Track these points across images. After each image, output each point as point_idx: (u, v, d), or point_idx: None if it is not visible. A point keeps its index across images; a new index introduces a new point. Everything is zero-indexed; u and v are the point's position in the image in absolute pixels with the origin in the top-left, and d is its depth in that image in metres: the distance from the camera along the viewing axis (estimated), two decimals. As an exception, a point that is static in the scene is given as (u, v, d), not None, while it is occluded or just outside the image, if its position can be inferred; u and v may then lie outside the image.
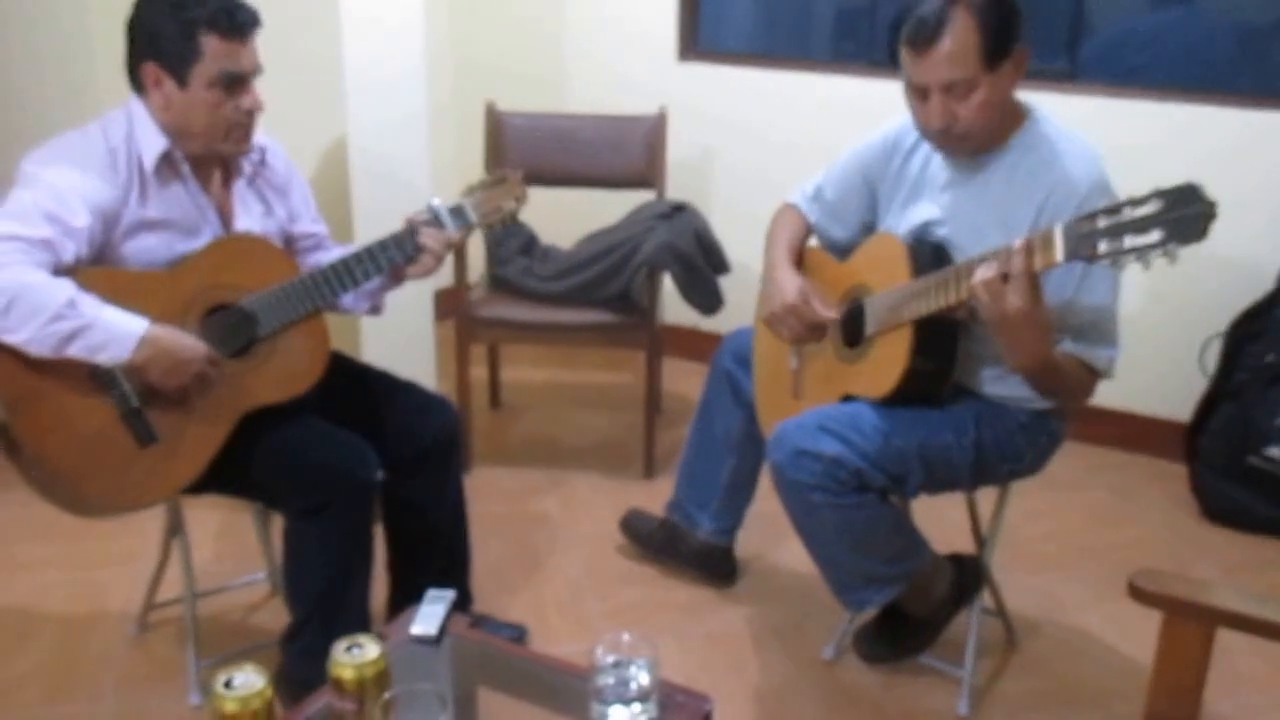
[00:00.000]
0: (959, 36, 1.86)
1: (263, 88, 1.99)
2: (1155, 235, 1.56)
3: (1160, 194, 1.56)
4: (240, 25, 1.91)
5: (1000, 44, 1.88)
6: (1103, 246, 1.62)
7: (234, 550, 2.72)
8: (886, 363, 2.01)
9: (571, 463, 3.24)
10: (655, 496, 2.76)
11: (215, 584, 2.52)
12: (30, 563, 2.67)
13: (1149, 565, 1.55)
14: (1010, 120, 1.99)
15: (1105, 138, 2.05)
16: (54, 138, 1.94)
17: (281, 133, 2.18)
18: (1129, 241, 1.59)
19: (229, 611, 2.49)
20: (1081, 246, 1.64)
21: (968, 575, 2.23)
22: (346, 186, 2.91)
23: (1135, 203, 1.58)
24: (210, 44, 1.88)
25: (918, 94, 1.96)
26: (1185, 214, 1.54)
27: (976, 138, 1.96)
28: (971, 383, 2.08)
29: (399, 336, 2.98)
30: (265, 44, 1.98)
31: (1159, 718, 1.53)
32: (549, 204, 2.35)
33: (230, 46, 1.90)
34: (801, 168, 2.37)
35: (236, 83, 1.93)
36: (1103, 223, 1.62)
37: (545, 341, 3.32)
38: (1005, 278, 1.73)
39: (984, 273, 1.76)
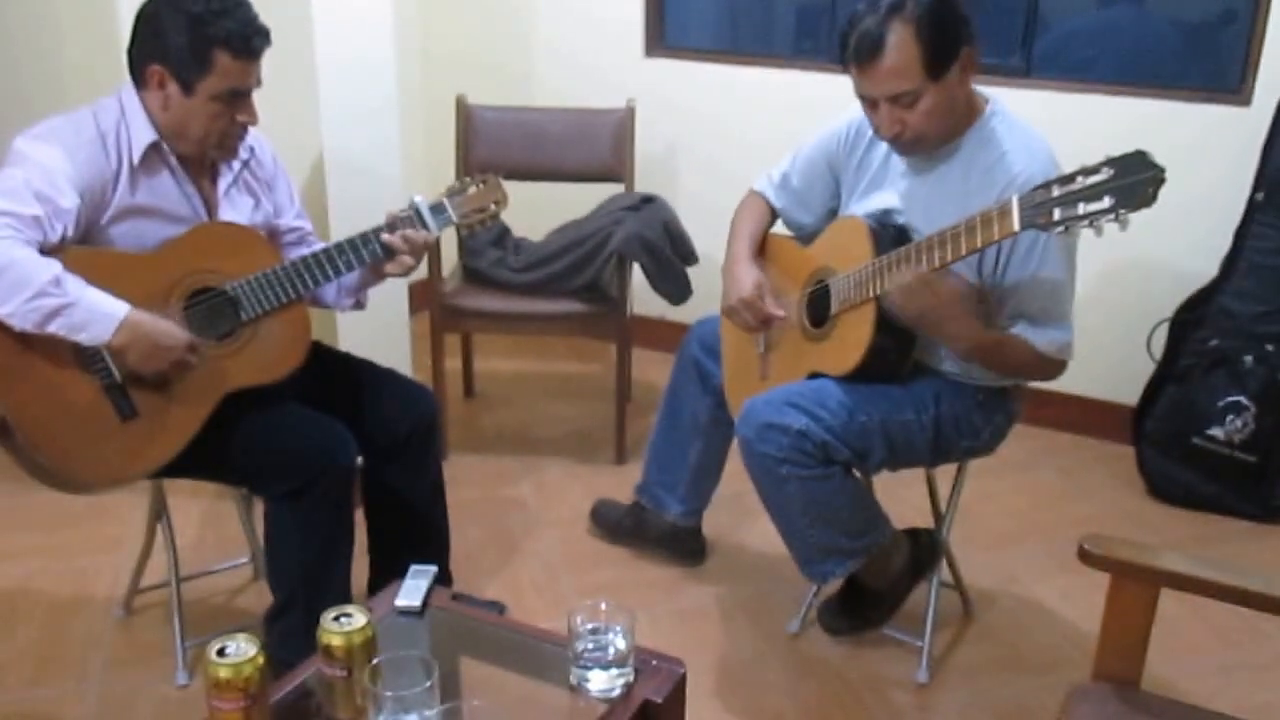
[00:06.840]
0: (899, 50, 1.91)
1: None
2: (1107, 201, 1.64)
3: (1111, 161, 1.64)
4: (255, 49, 1.94)
5: (943, 53, 1.92)
6: (1057, 214, 1.70)
7: (217, 536, 2.76)
8: (851, 340, 2.08)
9: (544, 450, 3.30)
10: (626, 482, 2.82)
11: (199, 568, 2.55)
12: (14, 551, 2.69)
13: (1098, 537, 1.64)
14: (965, 116, 2.04)
15: (1059, 132, 2.12)
16: (46, 119, 1.95)
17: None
18: (1082, 208, 1.66)
19: (213, 595, 2.53)
20: (1037, 214, 1.72)
21: (924, 549, 2.31)
22: (320, 177, 2.95)
23: (1088, 171, 1.66)
24: (223, 61, 1.91)
25: (867, 104, 2.02)
26: (1135, 180, 1.61)
27: (929, 141, 2.03)
28: (932, 360, 2.14)
29: (375, 328, 3.02)
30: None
31: (1106, 674, 1.61)
32: (518, 197, 2.41)
33: (241, 65, 1.93)
34: (765, 160, 2.44)
35: (240, 98, 1.97)
36: (1057, 191, 1.70)
37: (518, 331, 3.39)
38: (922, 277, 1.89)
39: (900, 279, 1.92)
